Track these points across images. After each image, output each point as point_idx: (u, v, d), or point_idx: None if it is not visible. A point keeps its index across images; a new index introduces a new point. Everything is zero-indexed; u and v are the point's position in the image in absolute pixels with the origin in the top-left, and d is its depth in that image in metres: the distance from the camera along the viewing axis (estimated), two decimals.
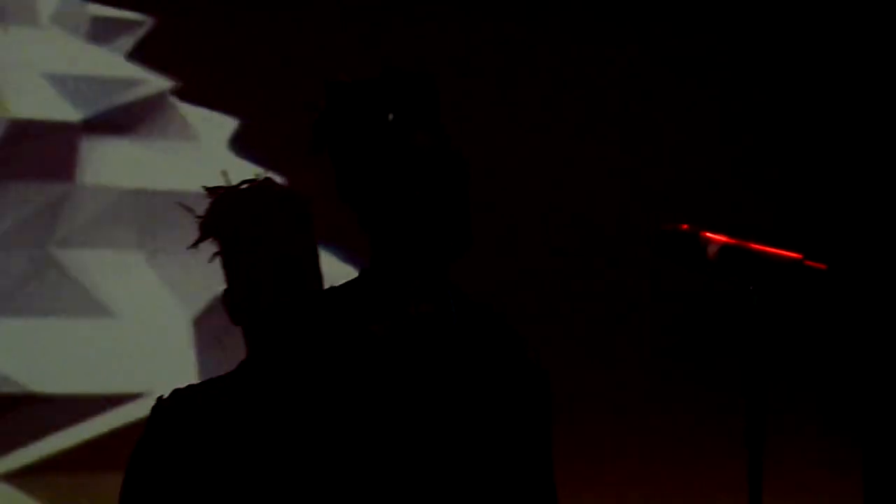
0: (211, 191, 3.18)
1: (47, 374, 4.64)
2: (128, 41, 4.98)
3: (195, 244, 3.19)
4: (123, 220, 4.77)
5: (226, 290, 3.18)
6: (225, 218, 3.18)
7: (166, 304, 4.76)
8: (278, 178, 3.43)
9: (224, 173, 3.26)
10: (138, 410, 4.50)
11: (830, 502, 5.43)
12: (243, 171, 3.53)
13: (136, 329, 4.74)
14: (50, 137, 4.76)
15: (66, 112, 4.83)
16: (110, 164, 4.84)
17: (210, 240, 3.18)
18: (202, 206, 3.18)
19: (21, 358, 4.62)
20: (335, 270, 3.44)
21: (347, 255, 4.58)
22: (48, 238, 4.67)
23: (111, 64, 4.91)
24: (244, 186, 3.20)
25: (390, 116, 2.75)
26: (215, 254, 3.15)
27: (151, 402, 3.18)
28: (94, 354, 4.70)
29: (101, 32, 4.95)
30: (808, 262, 2.65)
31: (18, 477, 4.59)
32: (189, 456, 3.05)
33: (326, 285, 3.02)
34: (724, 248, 2.69)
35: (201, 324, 4.77)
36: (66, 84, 4.88)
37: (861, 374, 5.66)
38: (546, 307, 5.04)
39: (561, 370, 3.20)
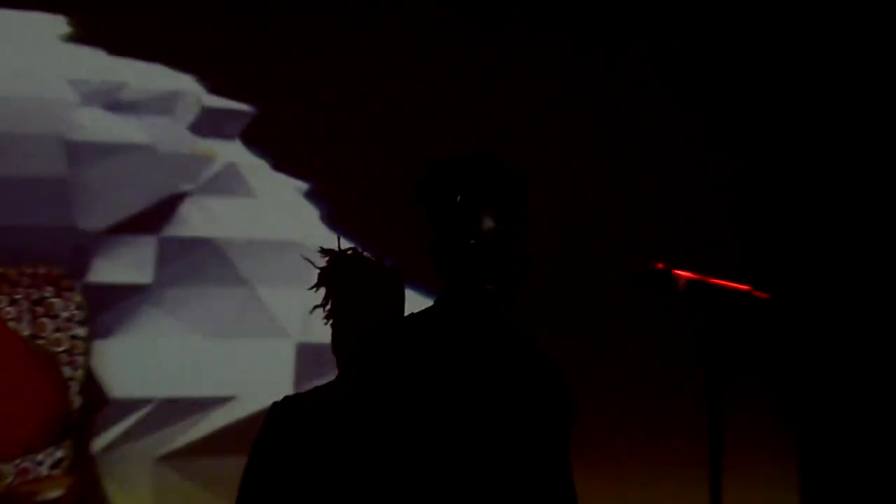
0: (325, 251, 3.68)
1: (202, 383, 5.12)
2: (234, 128, 5.28)
3: (316, 287, 3.68)
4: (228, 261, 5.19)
5: (333, 327, 3.65)
6: (339, 273, 3.67)
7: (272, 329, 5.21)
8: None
9: (338, 238, 3.74)
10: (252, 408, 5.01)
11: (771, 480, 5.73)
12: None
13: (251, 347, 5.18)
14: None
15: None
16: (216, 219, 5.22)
17: (323, 287, 3.67)
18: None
19: (177, 370, 5.09)
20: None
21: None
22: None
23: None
24: (350, 251, 3.72)
25: (458, 198, 3.12)
26: (317, 306, 3.61)
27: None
28: (226, 368, 5.15)
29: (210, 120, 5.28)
30: (756, 293, 2.98)
31: (173, 458, 5.06)
32: (296, 447, 3.53)
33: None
34: (690, 282, 3.01)
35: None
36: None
37: (796, 374, 5.90)
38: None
39: None
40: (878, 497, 5.82)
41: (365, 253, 3.76)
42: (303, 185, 5.35)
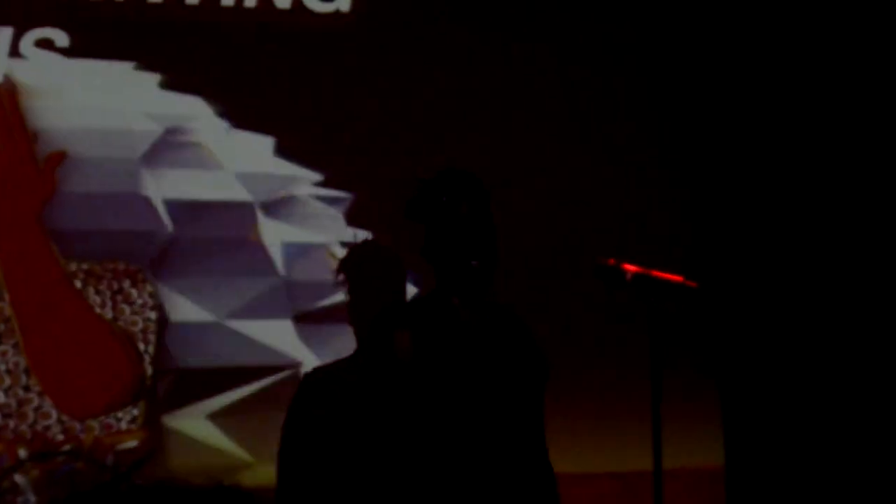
0: (345, 244, 4.25)
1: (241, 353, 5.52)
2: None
3: (336, 275, 4.16)
4: None
5: (349, 306, 4.10)
6: (352, 261, 4.15)
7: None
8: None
9: (354, 235, 4.32)
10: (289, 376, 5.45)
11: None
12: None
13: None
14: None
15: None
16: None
17: (342, 274, 4.12)
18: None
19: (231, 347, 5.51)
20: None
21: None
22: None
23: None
24: (361, 243, 4.26)
25: (444, 198, 3.56)
26: (340, 282, 4.10)
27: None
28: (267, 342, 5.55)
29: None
30: (687, 282, 3.53)
31: (219, 416, 5.46)
32: (325, 411, 3.90)
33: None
34: (636, 275, 3.56)
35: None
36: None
37: (720, 346, 6.12)
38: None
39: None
40: (786, 445, 6.07)
41: (372, 241, 4.16)
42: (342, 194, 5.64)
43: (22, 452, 5.26)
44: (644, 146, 6.11)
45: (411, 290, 5.07)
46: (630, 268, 3.55)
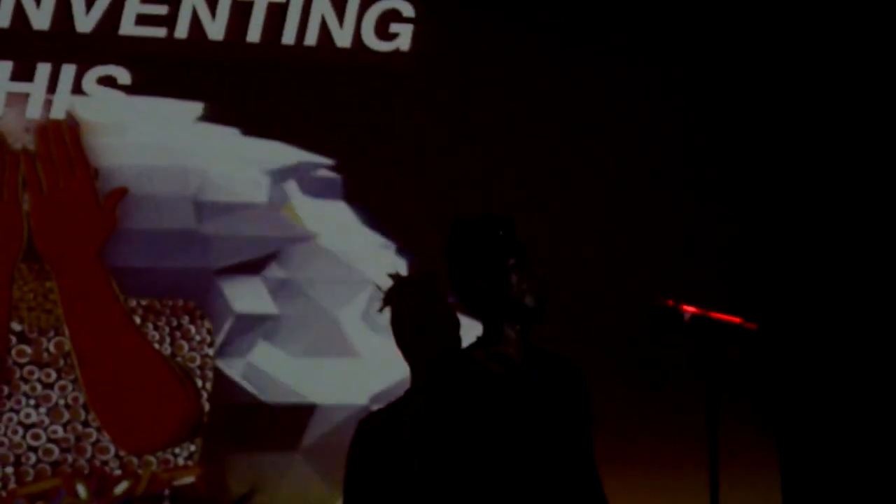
0: (391, 276, 4.16)
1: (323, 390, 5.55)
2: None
3: (381, 308, 4.15)
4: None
5: (396, 341, 4.06)
6: (397, 293, 4.13)
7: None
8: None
9: (397, 271, 4.23)
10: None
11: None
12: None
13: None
14: None
15: None
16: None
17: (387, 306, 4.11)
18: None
19: (285, 380, 5.53)
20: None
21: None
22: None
23: None
24: (407, 277, 4.28)
25: (487, 249, 3.49)
26: (382, 306, 4.11)
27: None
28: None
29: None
30: (746, 324, 3.51)
31: (278, 454, 5.50)
32: (380, 453, 3.95)
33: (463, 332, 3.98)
34: (694, 316, 3.50)
35: None
36: None
37: (777, 389, 6.06)
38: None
39: None
40: (845, 495, 6.03)
41: (417, 274, 4.19)
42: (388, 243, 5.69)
43: (80, 487, 5.30)
44: (694, 181, 6.12)
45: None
46: (689, 309, 3.51)
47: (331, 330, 5.62)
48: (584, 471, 3.57)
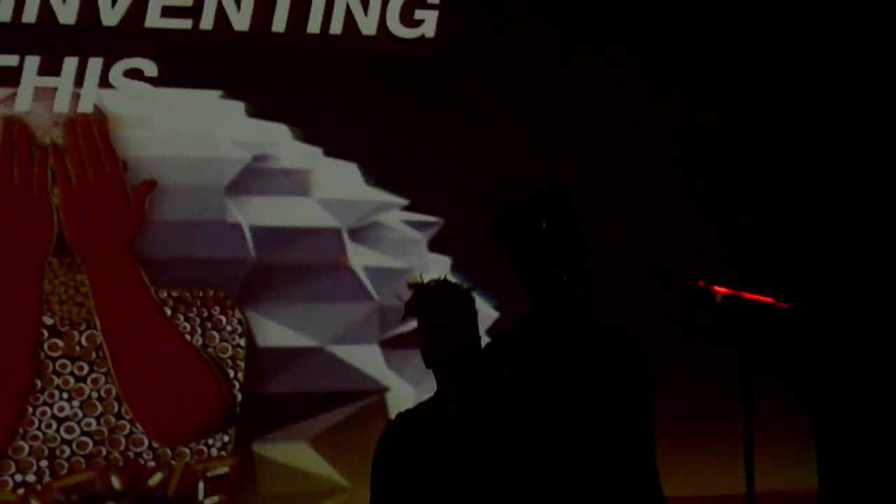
0: (411, 285, 4.16)
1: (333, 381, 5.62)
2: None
3: (404, 317, 4.16)
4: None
5: (421, 348, 4.05)
6: (419, 302, 4.10)
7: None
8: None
9: (420, 274, 4.31)
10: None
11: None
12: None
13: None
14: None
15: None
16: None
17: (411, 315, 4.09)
18: None
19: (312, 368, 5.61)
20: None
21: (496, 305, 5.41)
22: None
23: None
24: (427, 282, 4.13)
25: (544, 224, 3.43)
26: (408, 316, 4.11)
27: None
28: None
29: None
30: (778, 304, 3.40)
31: (310, 442, 5.56)
32: (406, 451, 3.97)
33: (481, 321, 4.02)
34: (726, 296, 3.42)
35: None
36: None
37: (812, 368, 6.16)
38: None
39: None
40: (880, 468, 6.11)
41: (439, 281, 4.09)
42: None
43: (114, 479, 5.34)
44: (733, 165, 6.19)
45: (490, 315, 5.33)
46: (720, 289, 3.46)
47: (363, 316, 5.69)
48: (642, 450, 3.57)
